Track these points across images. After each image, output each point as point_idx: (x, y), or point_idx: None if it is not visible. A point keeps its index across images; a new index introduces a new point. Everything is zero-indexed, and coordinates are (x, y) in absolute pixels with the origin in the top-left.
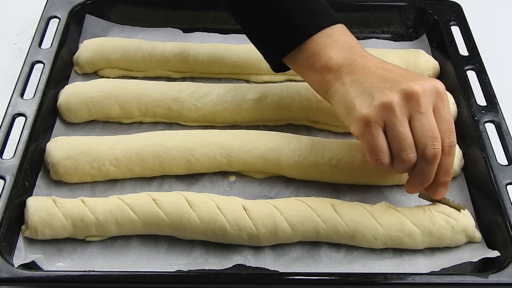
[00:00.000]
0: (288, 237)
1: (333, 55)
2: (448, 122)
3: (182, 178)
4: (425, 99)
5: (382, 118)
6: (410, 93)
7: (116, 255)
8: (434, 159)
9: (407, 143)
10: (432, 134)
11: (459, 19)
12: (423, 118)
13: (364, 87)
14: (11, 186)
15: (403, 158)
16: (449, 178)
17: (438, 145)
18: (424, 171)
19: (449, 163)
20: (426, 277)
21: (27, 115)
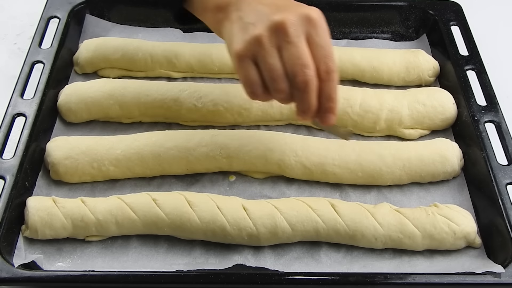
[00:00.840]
0: (288, 237)
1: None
2: (324, 48)
3: (182, 178)
4: (294, 28)
5: (252, 52)
6: (276, 24)
7: (116, 255)
8: (306, 87)
9: (277, 74)
10: (301, 62)
11: (459, 19)
12: (292, 47)
13: (244, 22)
14: (11, 186)
15: (276, 89)
16: (333, 104)
17: (310, 72)
18: (301, 99)
19: (330, 89)
20: (426, 277)
21: (27, 115)
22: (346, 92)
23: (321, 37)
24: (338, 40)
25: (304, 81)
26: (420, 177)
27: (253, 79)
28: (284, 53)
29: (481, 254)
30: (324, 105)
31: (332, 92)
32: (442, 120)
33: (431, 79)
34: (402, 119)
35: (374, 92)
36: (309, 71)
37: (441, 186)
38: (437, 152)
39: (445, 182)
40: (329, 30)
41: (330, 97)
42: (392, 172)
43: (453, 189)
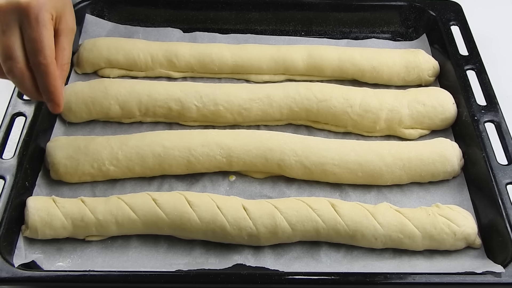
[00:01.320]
0: (288, 237)
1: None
2: (34, 41)
3: (182, 178)
4: (3, 17)
5: None
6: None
7: (116, 255)
8: (13, 78)
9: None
10: (4, 53)
11: (459, 19)
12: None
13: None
14: (11, 186)
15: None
16: (51, 95)
17: (12, 64)
18: (18, 87)
19: (43, 81)
20: (426, 277)
21: (27, 115)
22: (346, 92)
23: (33, 29)
24: (338, 40)
25: (7, 72)
26: (420, 177)
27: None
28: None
29: (481, 254)
30: (45, 97)
31: (47, 85)
32: (442, 120)
33: (431, 79)
34: (402, 119)
35: (374, 92)
36: (11, 62)
37: (441, 186)
38: (437, 152)
39: (445, 182)
40: (329, 30)
41: (47, 90)
42: (392, 172)
43: (453, 189)
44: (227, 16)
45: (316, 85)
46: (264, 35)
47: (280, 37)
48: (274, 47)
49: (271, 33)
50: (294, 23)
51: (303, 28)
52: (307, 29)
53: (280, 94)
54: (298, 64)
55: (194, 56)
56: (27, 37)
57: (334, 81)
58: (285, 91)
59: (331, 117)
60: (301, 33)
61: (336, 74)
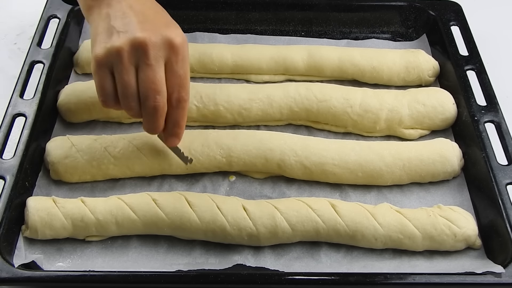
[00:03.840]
0: (288, 237)
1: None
2: (180, 77)
3: (182, 178)
4: (155, 51)
5: (111, 62)
6: (139, 42)
7: (116, 255)
8: (155, 112)
9: (129, 92)
10: (155, 87)
11: (459, 19)
12: (149, 70)
13: (110, 24)
14: (11, 186)
15: (125, 105)
16: (180, 130)
17: (160, 99)
18: (149, 121)
19: (178, 116)
20: (426, 277)
21: (27, 115)
22: (346, 92)
23: (180, 65)
24: (338, 40)
25: (153, 107)
26: (420, 177)
27: (107, 89)
28: (140, 74)
29: (481, 254)
30: (170, 130)
31: (180, 119)
32: (442, 120)
33: (431, 79)
34: (402, 119)
35: (374, 92)
36: (159, 97)
37: (441, 186)
38: (437, 152)
39: (445, 182)
40: (329, 30)
41: (177, 124)
42: (392, 172)
43: (453, 189)
44: (227, 16)
45: (316, 85)
46: (264, 35)
47: (280, 37)
48: (274, 47)
49: (271, 33)
50: (294, 23)
51: (303, 28)
52: (307, 29)
53: (280, 94)
54: (298, 64)
55: (194, 56)
56: (175, 73)
57: (334, 81)
58: (285, 91)
59: (331, 117)
60: (301, 33)
61: (336, 74)
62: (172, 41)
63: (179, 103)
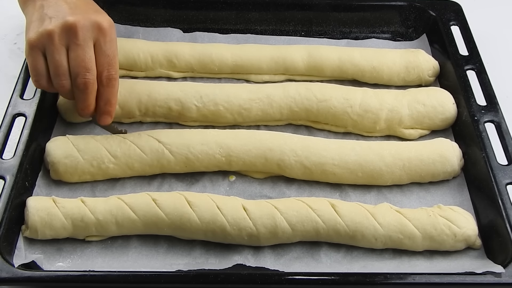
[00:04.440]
0: (288, 237)
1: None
2: (109, 57)
3: (182, 178)
4: (84, 33)
5: (42, 44)
6: (69, 25)
7: (116, 255)
8: (85, 88)
9: (60, 70)
10: (85, 65)
11: (459, 19)
12: (78, 49)
13: (43, 12)
14: (11, 186)
15: (57, 83)
16: (111, 108)
17: (90, 76)
18: (80, 99)
19: (109, 94)
20: (426, 277)
21: (27, 115)
22: (346, 92)
23: (108, 46)
24: (338, 40)
25: (83, 83)
26: (420, 177)
27: (39, 69)
28: (71, 53)
29: (481, 254)
30: (101, 108)
31: (111, 97)
32: (442, 120)
33: (431, 79)
34: (402, 119)
35: (374, 92)
36: (89, 74)
37: (441, 186)
38: (437, 152)
39: (445, 182)
40: (329, 30)
41: (109, 102)
42: (392, 172)
43: (453, 189)
44: (227, 16)
45: (316, 85)
46: (264, 35)
47: (280, 37)
48: (274, 47)
49: (271, 33)
50: (294, 23)
51: (303, 28)
52: (307, 29)
53: (280, 94)
54: (298, 64)
55: (194, 56)
56: (103, 52)
57: (334, 81)
58: (285, 91)
59: (331, 117)
60: (301, 33)
61: (336, 74)
62: (100, 23)
63: (109, 81)
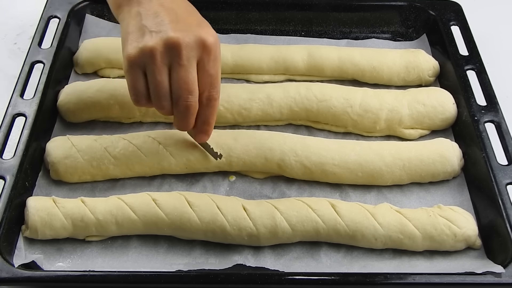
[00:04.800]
0: (288, 237)
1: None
2: (212, 77)
3: (182, 178)
4: (187, 52)
5: (143, 62)
6: (173, 43)
7: (116, 255)
8: (187, 111)
9: (162, 92)
10: (187, 87)
11: (459, 19)
12: (181, 70)
13: (142, 23)
14: (11, 186)
15: (158, 105)
16: (209, 127)
17: (192, 99)
18: (180, 119)
19: (208, 114)
20: (426, 277)
21: (27, 115)
22: (346, 92)
23: (211, 65)
24: (338, 40)
25: (185, 106)
26: (420, 177)
27: (139, 88)
28: (173, 74)
29: (481, 254)
30: (199, 127)
31: (210, 117)
32: (442, 120)
33: (431, 79)
34: (402, 119)
35: (374, 92)
36: (192, 97)
37: (441, 186)
38: (437, 152)
39: (445, 182)
40: (329, 30)
41: (207, 121)
42: (392, 172)
43: (453, 189)
44: (227, 16)
45: (316, 85)
46: (264, 35)
47: (280, 37)
48: (274, 47)
49: (271, 33)
50: (294, 23)
51: (303, 28)
52: (307, 29)
53: (280, 94)
54: (298, 64)
55: None
56: (206, 72)
57: (334, 81)
58: (285, 91)
59: (331, 117)
60: (301, 33)
61: (336, 74)
62: (205, 41)
63: (210, 102)
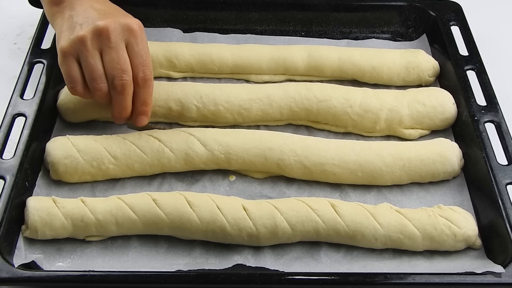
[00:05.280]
0: (288, 237)
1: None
2: (142, 57)
3: (182, 178)
4: (115, 35)
5: (75, 50)
6: (100, 29)
7: (116, 255)
8: (123, 90)
9: (96, 74)
10: (120, 67)
11: (459, 19)
12: (112, 52)
13: (73, 21)
14: (11, 186)
15: (94, 88)
16: (147, 108)
17: (126, 77)
18: (117, 101)
19: (145, 94)
20: (426, 277)
21: (27, 115)
22: (346, 92)
23: (140, 46)
24: (338, 40)
25: (121, 84)
26: (420, 177)
27: (74, 76)
28: (105, 57)
29: (481, 254)
30: (138, 108)
31: (147, 97)
32: (442, 120)
33: (431, 79)
34: (402, 119)
35: (374, 92)
36: (126, 75)
37: (441, 186)
38: (437, 152)
39: (445, 182)
40: (329, 30)
41: (145, 102)
42: (392, 172)
43: (453, 189)
44: (227, 16)
45: (316, 85)
46: (264, 35)
47: (280, 37)
48: (274, 47)
49: (271, 33)
50: (294, 23)
51: (303, 28)
52: (307, 29)
53: (280, 94)
54: (298, 64)
55: (194, 56)
56: (136, 53)
57: (334, 81)
58: (285, 91)
59: (331, 117)
60: (301, 33)
61: (336, 74)
62: (130, 25)
63: (145, 82)
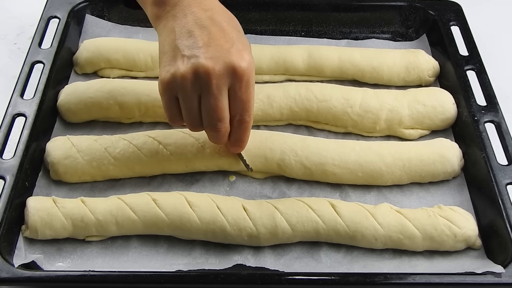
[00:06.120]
0: (288, 238)
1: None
2: (243, 102)
3: (182, 178)
4: (217, 81)
5: (175, 88)
6: (203, 72)
7: (116, 255)
8: (217, 135)
9: (192, 116)
10: (217, 115)
11: (459, 19)
12: (212, 99)
13: (176, 43)
14: (11, 186)
15: (189, 126)
16: (242, 144)
17: (221, 126)
18: (212, 139)
19: (240, 134)
20: (426, 277)
21: (27, 115)
22: (346, 92)
23: (243, 91)
24: (338, 40)
25: (215, 131)
26: (420, 177)
27: (172, 110)
28: (203, 101)
29: (481, 254)
30: (232, 143)
31: (242, 136)
32: (442, 120)
33: (431, 79)
34: (402, 119)
35: (374, 92)
36: (221, 124)
37: (441, 186)
38: (437, 152)
39: (445, 182)
40: (329, 30)
41: (240, 139)
42: (392, 172)
43: (453, 189)
44: None
45: (316, 86)
46: (264, 35)
47: (280, 37)
48: (274, 47)
49: (271, 33)
50: (294, 23)
51: (303, 28)
52: (307, 29)
53: (280, 95)
54: (298, 64)
55: None
56: (237, 98)
57: (334, 81)
58: (285, 91)
59: (331, 117)
60: (301, 33)
61: (336, 74)
62: (236, 67)
63: (241, 125)
